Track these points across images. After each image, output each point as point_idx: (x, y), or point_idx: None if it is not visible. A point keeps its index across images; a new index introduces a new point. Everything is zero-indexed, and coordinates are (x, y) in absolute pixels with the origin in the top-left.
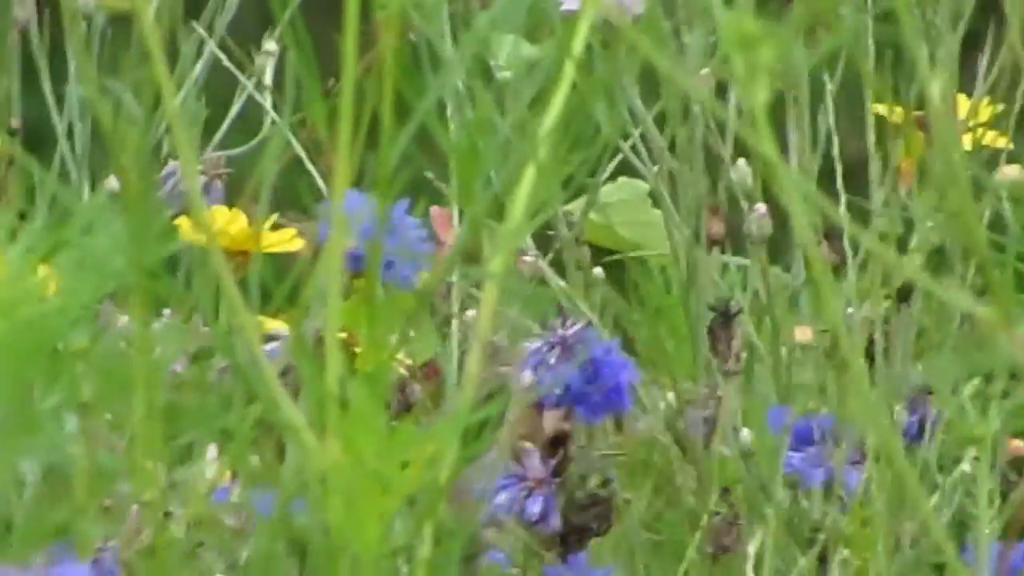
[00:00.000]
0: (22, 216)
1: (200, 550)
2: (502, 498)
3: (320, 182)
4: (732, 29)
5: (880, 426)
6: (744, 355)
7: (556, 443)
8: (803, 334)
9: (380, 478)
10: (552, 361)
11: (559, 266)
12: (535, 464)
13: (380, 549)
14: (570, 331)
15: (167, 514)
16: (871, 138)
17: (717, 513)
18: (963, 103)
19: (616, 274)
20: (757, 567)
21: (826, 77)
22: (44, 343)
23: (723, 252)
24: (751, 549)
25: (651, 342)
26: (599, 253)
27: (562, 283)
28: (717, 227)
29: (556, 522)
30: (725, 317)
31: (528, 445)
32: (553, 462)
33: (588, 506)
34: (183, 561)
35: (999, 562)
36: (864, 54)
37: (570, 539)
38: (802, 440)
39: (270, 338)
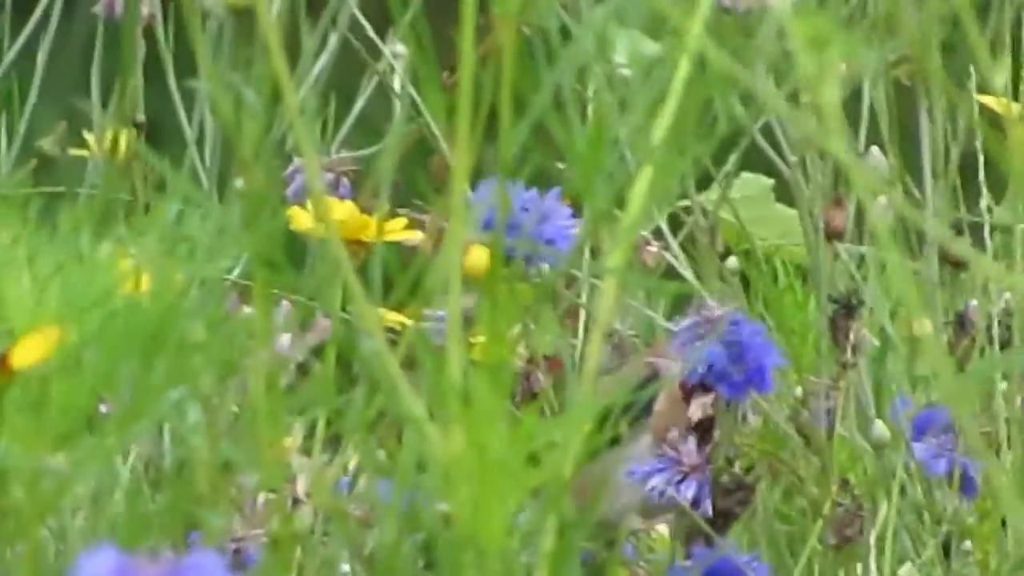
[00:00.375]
0: (147, 210)
1: (325, 541)
2: (656, 483)
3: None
4: (802, 30)
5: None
6: (877, 345)
7: (702, 428)
8: (920, 327)
9: (505, 469)
10: (699, 340)
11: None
12: (689, 449)
13: (505, 541)
14: (718, 312)
15: (292, 505)
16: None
17: (840, 504)
18: None
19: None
20: (879, 558)
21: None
22: (139, 332)
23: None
24: (872, 540)
25: (776, 333)
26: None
27: (689, 274)
28: (840, 219)
29: (708, 507)
30: (846, 309)
31: (677, 431)
32: (706, 447)
33: (733, 491)
34: (308, 552)
35: None
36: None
37: (716, 523)
38: (927, 431)
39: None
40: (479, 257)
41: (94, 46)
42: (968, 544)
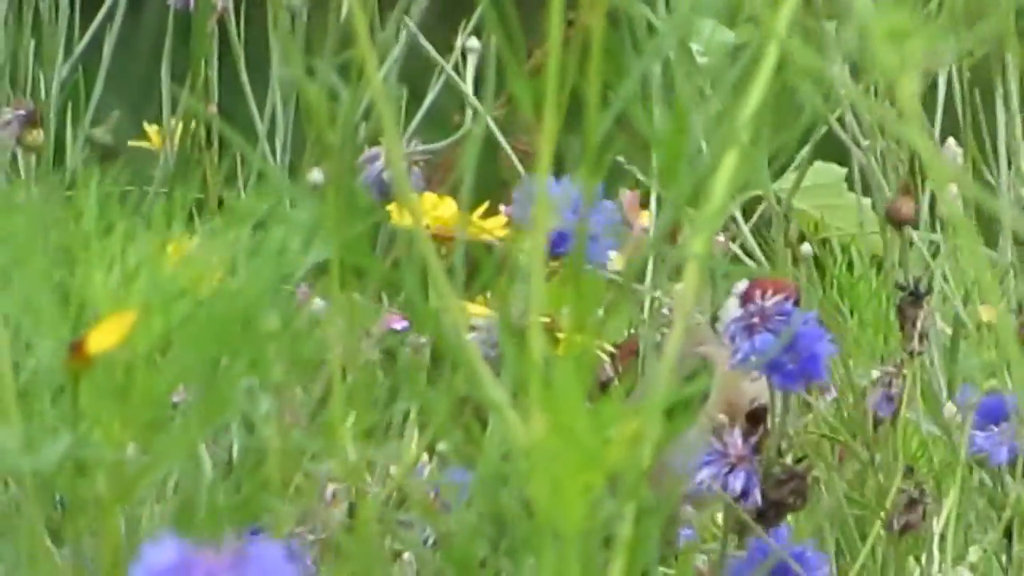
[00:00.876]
0: (220, 201)
1: (398, 527)
2: (704, 474)
3: (519, 166)
4: (881, 22)
5: None
6: (950, 333)
7: (755, 418)
8: (988, 313)
9: (585, 455)
10: (752, 330)
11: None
12: (736, 440)
13: (583, 527)
14: (770, 301)
15: (365, 492)
16: None
17: (903, 491)
18: None
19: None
20: (942, 545)
21: None
22: (227, 322)
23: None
24: (936, 527)
25: (844, 321)
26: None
27: (763, 261)
28: (908, 207)
29: (757, 498)
30: (914, 296)
31: (727, 421)
32: (754, 438)
33: (785, 481)
34: (381, 539)
35: None
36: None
37: (768, 514)
38: (990, 418)
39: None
40: None
41: (164, 39)
42: None
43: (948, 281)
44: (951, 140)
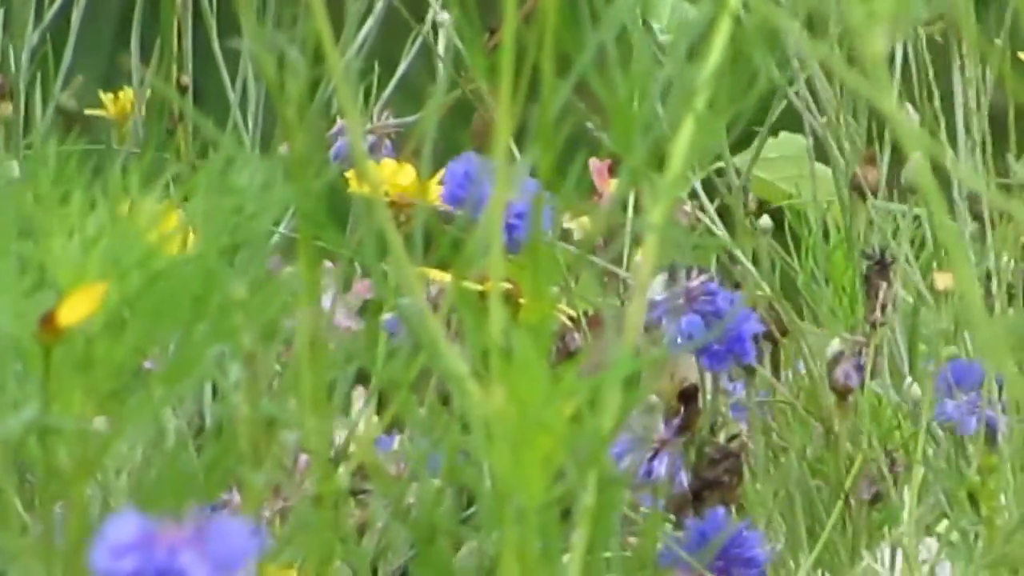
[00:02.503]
0: (192, 169)
1: (364, 498)
2: (628, 460)
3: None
4: None
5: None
6: (911, 301)
7: (685, 398)
8: (944, 280)
9: (544, 426)
10: (677, 312)
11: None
12: (659, 423)
13: (544, 497)
14: (694, 283)
15: (333, 463)
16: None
17: (873, 460)
18: None
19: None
20: (912, 513)
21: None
22: (183, 293)
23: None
24: (906, 496)
25: (810, 290)
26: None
27: (723, 232)
28: (873, 175)
29: (683, 481)
30: (880, 266)
31: (655, 402)
32: (677, 420)
33: (719, 460)
34: (348, 509)
35: None
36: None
37: (703, 494)
38: (958, 387)
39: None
40: None
41: (133, 9)
42: None
43: (913, 248)
44: (908, 106)
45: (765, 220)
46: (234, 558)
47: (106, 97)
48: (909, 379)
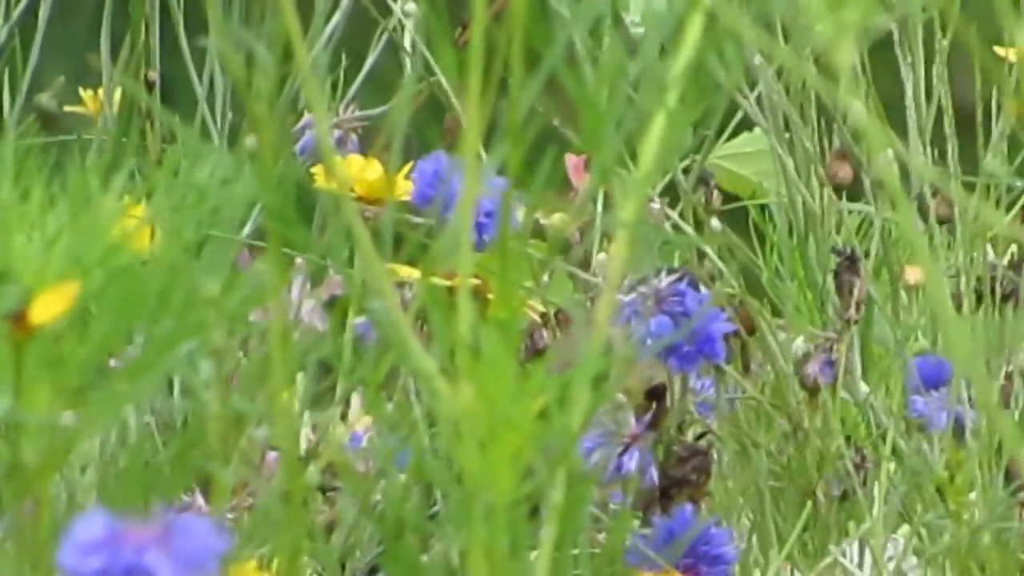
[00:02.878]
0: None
1: (333, 495)
2: (599, 455)
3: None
4: None
5: (978, 372)
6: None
7: (653, 396)
8: (914, 275)
9: (512, 423)
10: (646, 313)
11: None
12: (630, 420)
13: (513, 495)
14: (663, 283)
15: (303, 460)
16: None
17: (842, 457)
18: None
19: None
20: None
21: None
22: (146, 290)
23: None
24: (876, 492)
25: (775, 287)
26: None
27: (689, 230)
28: (844, 172)
29: (653, 477)
30: (850, 262)
31: (623, 400)
32: (648, 417)
33: (687, 459)
34: (316, 506)
35: None
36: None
37: (671, 492)
38: (929, 384)
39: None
40: None
41: (103, 4)
42: None
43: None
44: (857, 104)
45: (715, 223)
46: (201, 557)
47: (85, 94)
48: (863, 382)
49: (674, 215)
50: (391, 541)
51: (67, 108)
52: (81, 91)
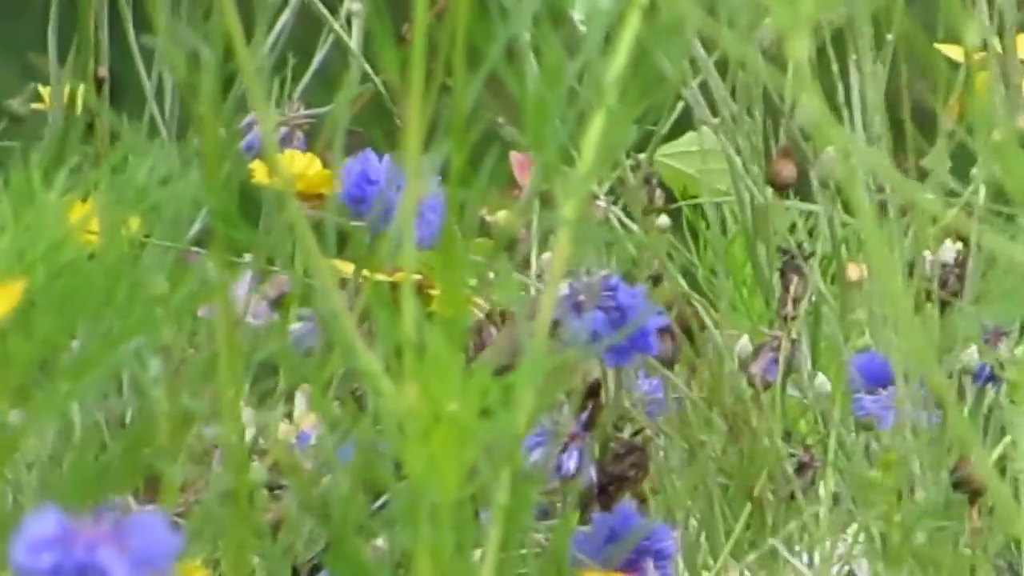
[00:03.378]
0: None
1: (280, 493)
2: (537, 454)
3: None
4: None
5: (932, 369)
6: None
7: (589, 393)
8: (856, 272)
9: (457, 424)
10: (580, 309)
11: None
12: (568, 418)
13: (458, 494)
14: (596, 279)
15: (250, 458)
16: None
17: (791, 455)
18: None
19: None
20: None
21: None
22: (89, 287)
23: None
24: (822, 491)
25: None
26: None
27: (636, 228)
28: (789, 170)
29: (592, 476)
30: (794, 259)
31: (560, 398)
32: (585, 415)
33: (624, 455)
34: (263, 504)
35: None
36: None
37: (609, 489)
38: (877, 382)
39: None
40: None
41: (51, 2)
42: None
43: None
44: (803, 99)
45: (663, 219)
46: (154, 555)
47: (44, 90)
48: (820, 377)
49: (619, 213)
50: (335, 540)
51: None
52: (36, 88)
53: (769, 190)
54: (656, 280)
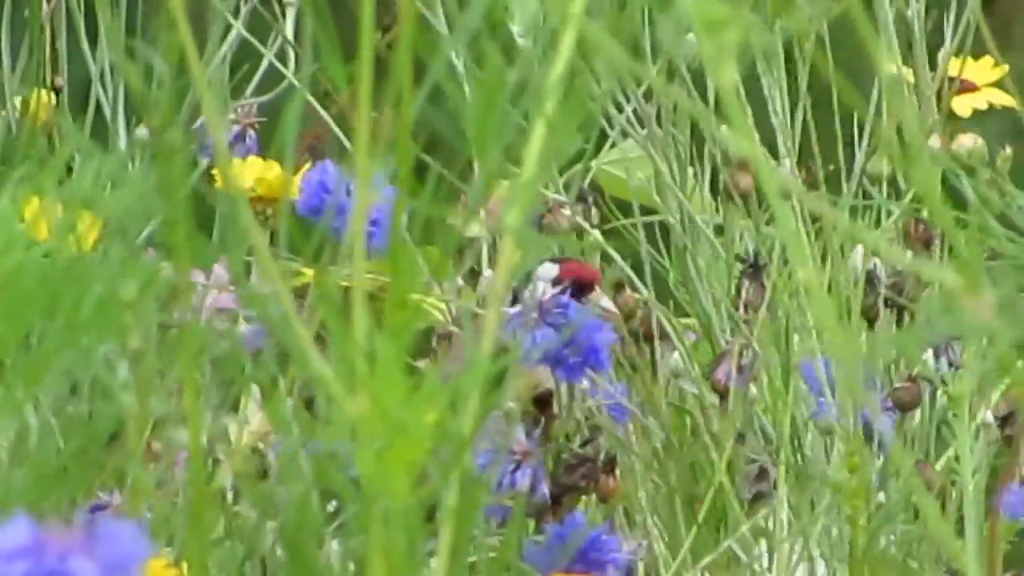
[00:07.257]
0: (69, 171)
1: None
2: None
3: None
4: (699, 12)
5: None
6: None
7: (541, 404)
8: (807, 275)
9: (405, 429)
10: (530, 326)
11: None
12: (520, 435)
13: (409, 498)
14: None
15: (212, 463)
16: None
17: (753, 460)
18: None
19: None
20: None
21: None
22: (41, 288)
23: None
24: (783, 494)
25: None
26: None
27: (597, 234)
28: (745, 180)
29: (544, 492)
30: (754, 268)
31: (512, 408)
32: (537, 431)
33: (576, 466)
34: (222, 509)
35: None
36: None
37: (562, 500)
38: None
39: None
40: None
41: (2, 10)
42: None
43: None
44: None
45: (595, 234)
46: (124, 562)
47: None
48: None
49: (579, 219)
50: (290, 544)
51: None
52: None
53: (700, 200)
54: (618, 288)
